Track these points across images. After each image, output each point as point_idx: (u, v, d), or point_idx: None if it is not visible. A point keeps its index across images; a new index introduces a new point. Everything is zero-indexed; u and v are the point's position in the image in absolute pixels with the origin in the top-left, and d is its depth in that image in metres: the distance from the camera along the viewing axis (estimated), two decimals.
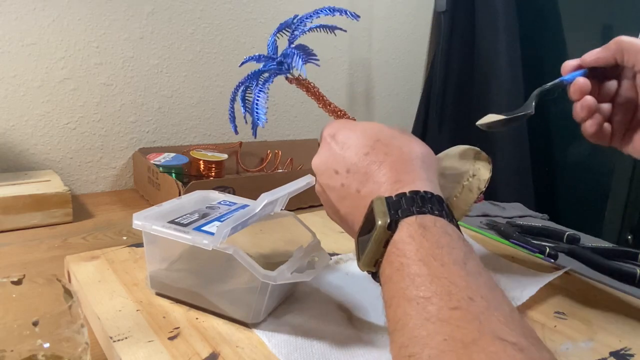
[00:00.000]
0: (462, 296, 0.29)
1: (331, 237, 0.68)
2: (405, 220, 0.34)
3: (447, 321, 0.28)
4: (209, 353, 0.42)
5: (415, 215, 0.34)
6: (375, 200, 0.36)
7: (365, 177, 0.40)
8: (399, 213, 0.34)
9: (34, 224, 0.75)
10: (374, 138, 0.41)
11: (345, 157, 0.41)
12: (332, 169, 0.42)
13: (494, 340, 0.26)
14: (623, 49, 0.49)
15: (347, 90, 1.28)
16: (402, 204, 0.35)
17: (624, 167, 1.08)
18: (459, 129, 1.36)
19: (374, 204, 0.36)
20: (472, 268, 0.31)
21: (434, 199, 0.36)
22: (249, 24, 1.08)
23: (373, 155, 0.40)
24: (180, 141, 1.05)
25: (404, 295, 0.31)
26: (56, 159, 0.92)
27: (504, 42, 1.23)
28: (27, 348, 0.33)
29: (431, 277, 0.30)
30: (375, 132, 0.42)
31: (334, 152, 0.42)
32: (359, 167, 0.40)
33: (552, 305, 0.54)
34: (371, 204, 0.37)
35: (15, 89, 0.86)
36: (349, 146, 0.42)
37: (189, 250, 0.47)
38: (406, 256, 0.32)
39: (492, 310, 0.28)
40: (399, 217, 0.34)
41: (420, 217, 0.34)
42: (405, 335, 0.29)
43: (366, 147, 0.41)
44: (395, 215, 0.34)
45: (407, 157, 0.40)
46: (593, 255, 0.69)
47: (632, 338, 0.48)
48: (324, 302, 0.51)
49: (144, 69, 0.97)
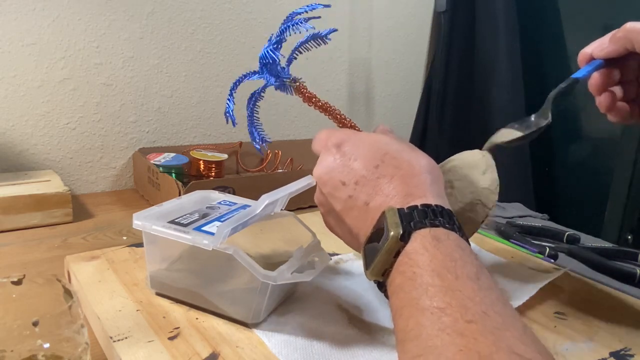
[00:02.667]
0: (477, 310, 0.29)
1: (331, 237, 0.68)
2: (418, 232, 0.34)
3: (463, 333, 0.27)
4: (209, 353, 0.42)
5: (429, 228, 0.34)
6: (387, 211, 0.36)
7: (375, 190, 0.40)
8: (412, 225, 0.35)
9: (34, 224, 0.75)
10: (382, 151, 0.41)
11: (354, 169, 0.41)
12: (339, 180, 0.42)
13: (510, 355, 0.26)
14: (631, 39, 0.48)
15: (347, 90, 1.28)
16: (414, 216, 0.35)
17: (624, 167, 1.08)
18: (458, 129, 1.36)
19: (386, 214, 0.36)
20: (485, 283, 0.31)
21: (445, 212, 0.36)
22: (249, 24, 1.08)
23: (383, 168, 0.40)
24: (180, 141, 1.05)
25: (417, 305, 0.30)
26: (56, 159, 0.92)
27: (504, 42, 1.23)
28: (27, 348, 0.33)
29: (445, 289, 0.30)
30: (383, 144, 0.42)
31: (340, 163, 0.42)
32: (369, 179, 0.40)
33: (552, 305, 0.54)
34: (382, 215, 0.37)
35: (15, 89, 0.86)
36: (357, 158, 0.42)
37: (189, 250, 0.47)
38: (419, 266, 0.32)
39: (507, 325, 0.28)
40: (411, 228, 0.34)
41: (433, 229, 0.34)
42: (419, 346, 0.29)
43: (376, 160, 0.41)
44: (408, 226, 0.34)
45: (417, 171, 0.40)
46: (593, 255, 0.69)
47: (632, 338, 0.48)
48: (324, 302, 0.51)
49: (144, 69, 0.97)
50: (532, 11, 1.27)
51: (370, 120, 1.32)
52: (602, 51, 0.50)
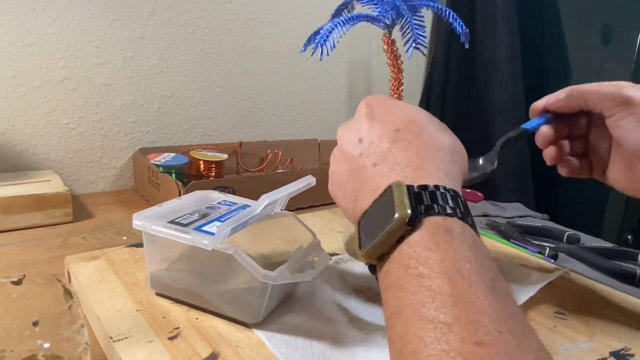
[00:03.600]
0: (490, 329, 0.25)
1: (331, 237, 0.68)
2: (428, 220, 0.30)
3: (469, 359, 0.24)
4: (209, 353, 0.42)
5: (443, 216, 0.30)
6: (394, 186, 0.32)
7: (387, 153, 0.36)
8: (421, 209, 0.30)
9: (34, 224, 0.75)
10: (409, 117, 0.38)
11: (374, 128, 0.38)
12: (357, 136, 0.39)
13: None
14: (587, 99, 0.48)
15: (347, 90, 1.28)
16: (424, 199, 0.31)
17: None
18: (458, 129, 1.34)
19: (393, 190, 0.32)
20: (501, 292, 0.28)
21: (460, 199, 0.32)
22: (249, 24, 1.08)
23: (403, 133, 0.37)
24: (180, 141, 1.05)
25: (419, 313, 0.27)
26: (56, 159, 0.92)
27: (504, 42, 1.23)
28: (27, 348, 0.33)
29: (455, 299, 0.26)
30: (413, 113, 0.39)
31: (365, 120, 0.40)
32: (384, 140, 0.37)
33: (552, 305, 0.54)
34: (388, 188, 0.32)
35: (15, 89, 0.86)
36: (382, 119, 0.39)
37: (189, 250, 0.47)
38: (428, 265, 0.28)
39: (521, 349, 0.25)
40: (420, 213, 0.30)
41: (447, 219, 0.30)
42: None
43: (399, 124, 0.38)
44: (417, 210, 0.30)
45: (437, 146, 0.36)
46: (593, 255, 0.69)
47: (632, 338, 0.48)
48: (324, 302, 0.51)
49: (144, 69, 0.97)
50: (532, 11, 1.27)
51: None
52: (555, 104, 0.51)
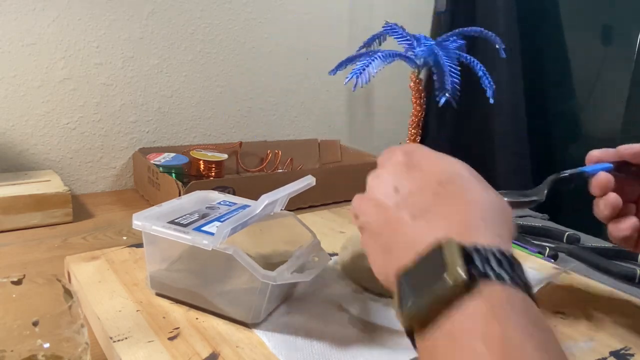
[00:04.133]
0: None
1: (331, 237, 0.68)
2: (485, 286, 0.26)
3: None
4: (209, 353, 0.42)
5: (501, 285, 0.26)
6: (445, 244, 0.28)
7: (429, 206, 0.32)
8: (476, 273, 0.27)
9: (34, 224, 0.75)
10: (454, 170, 0.35)
11: (415, 177, 0.35)
12: (393, 185, 0.35)
13: None
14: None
15: (347, 90, 1.28)
16: (477, 261, 0.27)
17: None
18: (458, 129, 1.36)
19: (444, 248, 0.28)
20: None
21: (516, 265, 0.28)
22: (249, 24, 1.08)
23: (447, 186, 0.33)
24: (180, 141, 1.05)
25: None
26: (56, 159, 0.92)
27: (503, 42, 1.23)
28: (27, 348, 0.33)
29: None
30: (456, 165, 0.36)
31: (403, 169, 0.36)
32: (426, 192, 0.33)
33: (552, 305, 0.54)
34: (438, 245, 0.29)
35: (15, 89, 0.86)
36: (422, 168, 0.35)
37: (189, 250, 0.47)
38: (485, 343, 0.24)
39: None
40: (476, 277, 0.26)
41: (506, 288, 0.26)
42: None
43: (442, 175, 0.34)
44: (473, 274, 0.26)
45: (485, 203, 0.32)
46: (593, 255, 0.69)
47: (632, 338, 0.48)
48: (324, 302, 0.51)
49: (144, 69, 0.97)
50: (532, 11, 1.27)
51: (371, 120, 1.33)
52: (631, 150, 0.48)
